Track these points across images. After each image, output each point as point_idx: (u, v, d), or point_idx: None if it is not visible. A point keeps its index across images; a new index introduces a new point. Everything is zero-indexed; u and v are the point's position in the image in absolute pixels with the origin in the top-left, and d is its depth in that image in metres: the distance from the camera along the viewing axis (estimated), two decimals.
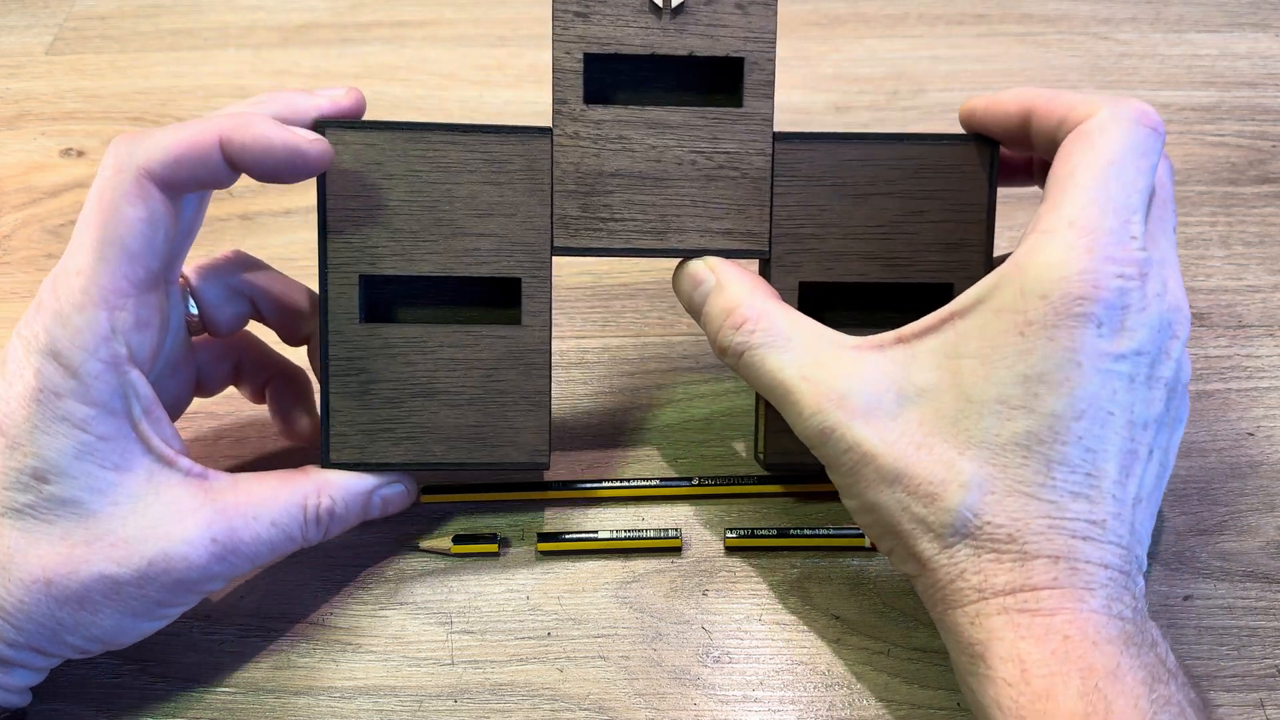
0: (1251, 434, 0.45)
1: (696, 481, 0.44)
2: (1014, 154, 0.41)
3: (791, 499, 0.43)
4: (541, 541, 0.42)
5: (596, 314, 0.51)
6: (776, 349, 0.36)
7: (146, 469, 0.35)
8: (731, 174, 0.39)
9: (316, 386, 0.43)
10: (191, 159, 0.34)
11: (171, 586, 0.35)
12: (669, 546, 0.42)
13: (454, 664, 0.39)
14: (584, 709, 0.38)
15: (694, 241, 0.39)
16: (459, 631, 0.40)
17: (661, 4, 0.38)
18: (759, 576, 0.41)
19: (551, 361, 0.40)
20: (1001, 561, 0.32)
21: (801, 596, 0.41)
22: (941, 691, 0.38)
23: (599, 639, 0.40)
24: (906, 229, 0.40)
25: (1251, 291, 0.50)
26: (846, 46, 0.65)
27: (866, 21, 0.66)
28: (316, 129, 0.38)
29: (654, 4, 0.38)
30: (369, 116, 0.39)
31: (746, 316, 0.37)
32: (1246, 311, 0.50)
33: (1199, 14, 0.66)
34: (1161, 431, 0.34)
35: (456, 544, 0.42)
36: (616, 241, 0.39)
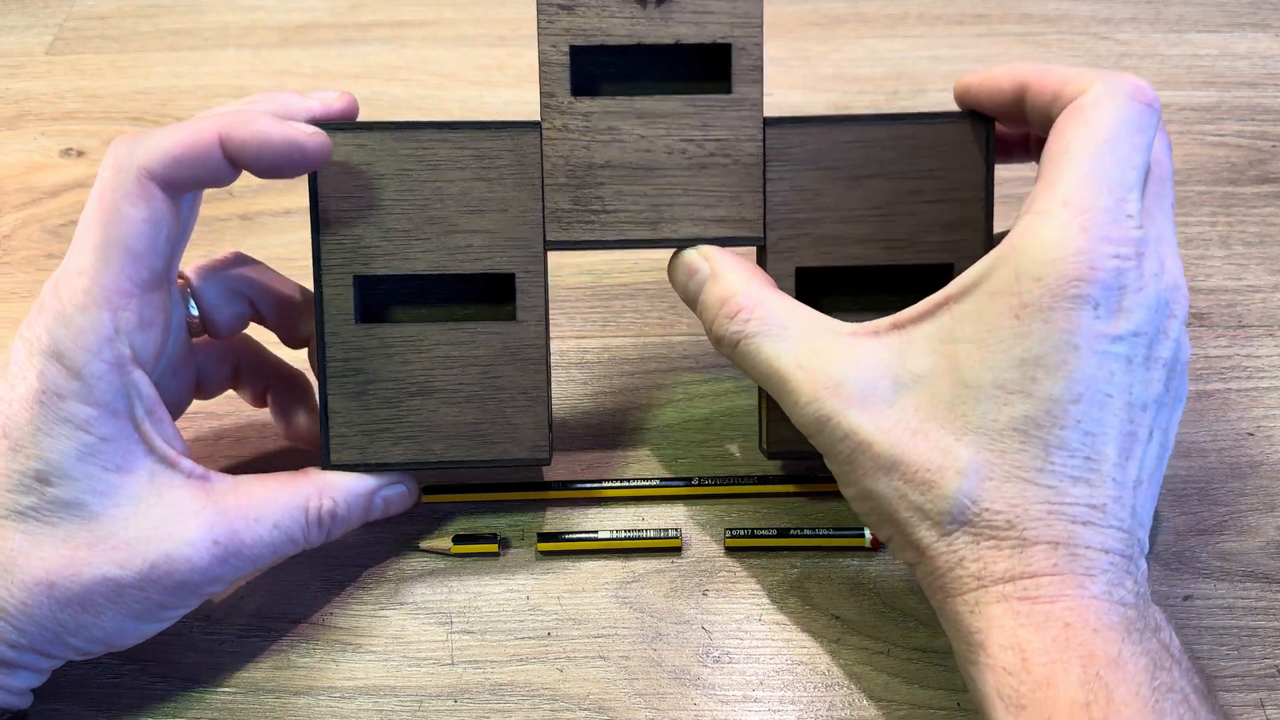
0: (1251, 434, 0.45)
1: (696, 481, 0.44)
2: (1010, 130, 0.40)
3: (792, 499, 0.43)
4: (541, 541, 0.42)
5: (596, 314, 0.51)
6: (772, 337, 0.36)
7: (149, 470, 0.35)
8: (723, 161, 0.39)
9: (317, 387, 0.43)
10: (192, 157, 0.34)
11: (173, 588, 0.35)
12: (669, 546, 0.42)
13: (454, 664, 0.39)
14: (584, 709, 0.38)
15: (688, 230, 0.39)
16: (459, 631, 0.40)
17: None
18: (759, 576, 0.41)
19: (549, 358, 0.40)
20: (1000, 548, 0.32)
21: (801, 596, 0.41)
22: (941, 691, 0.38)
23: (599, 639, 0.40)
24: (904, 210, 0.39)
25: (1251, 291, 0.50)
26: (846, 46, 0.65)
27: (866, 21, 0.66)
28: None
29: None
30: (367, 117, 0.39)
31: (742, 305, 0.37)
32: (1246, 311, 0.50)
33: (1199, 14, 0.66)
34: (1161, 412, 0.33)
35: (456, 544, 0.42)
36: (609, 233, 0.39)
